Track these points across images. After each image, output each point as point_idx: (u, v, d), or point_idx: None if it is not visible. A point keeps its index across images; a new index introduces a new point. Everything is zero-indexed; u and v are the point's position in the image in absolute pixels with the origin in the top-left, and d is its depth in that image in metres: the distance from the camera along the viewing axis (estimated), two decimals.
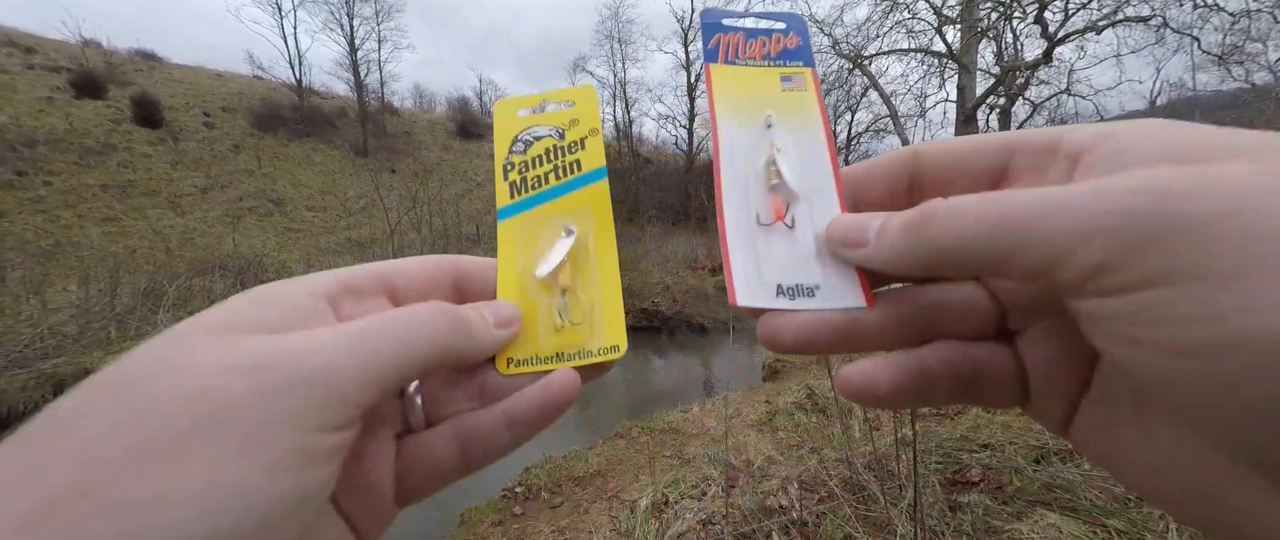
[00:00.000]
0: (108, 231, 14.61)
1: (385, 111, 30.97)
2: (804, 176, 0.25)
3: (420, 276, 0.24)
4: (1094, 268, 0.15)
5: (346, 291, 0.21)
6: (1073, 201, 0.15)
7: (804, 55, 0.29)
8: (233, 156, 20.77)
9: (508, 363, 0.24)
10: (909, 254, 0.19)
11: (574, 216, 0.27)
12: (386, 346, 0.18)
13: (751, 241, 0.24)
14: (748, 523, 1.86)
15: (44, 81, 19.63)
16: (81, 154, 17.07)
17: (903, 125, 18.10)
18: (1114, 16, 14.35)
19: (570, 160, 0.28)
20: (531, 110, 0.30)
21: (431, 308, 0.21)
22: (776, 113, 0.27)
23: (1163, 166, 0.15)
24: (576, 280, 0.26)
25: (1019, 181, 0.21)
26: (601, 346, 0.25)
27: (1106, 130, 0.18)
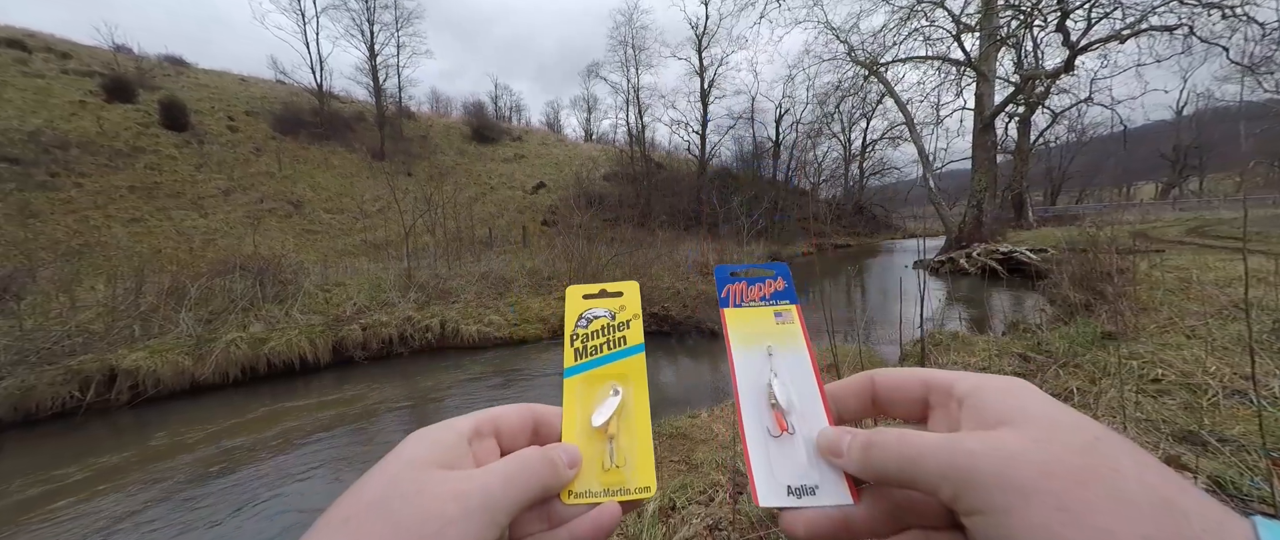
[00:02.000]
0: (134, 232, 15.06)
1: (402, 116, 31.53)
2: (798, 393, 0.33)
3: (515, 422, 0.32)
4: (950, 497, 0.23)
5: (475, 434, 0.30)
6: (935, 451, 0.24)
7: (789, 294, 0.38)
8: (255, 159, 21.31)
9: (569, 494, 0.30)
10: (864, 469, 0.27)
11: (620, 379, 0.35)
12: (520, 482, 0.27)
13: (766, 451, 0.31)
14: (754, 530, 1.85)
15: (77, 85, 20.39)
16: (111, 156, 17.66)
17: (919, 134, 17.89)
18: (1139, 25, 14.04)
19: (619, 336, 0.36)
20: (592, 295, 0.39)
21: (538, 454, 0.29)
22: (774, 343, 0.35)
23: (982, 431, 0.24)
24: (620, 429, 0.33)
25: (935, 410, 0.29)
26: (637, 487, 0.31)
27: (976, 385, 0.27)
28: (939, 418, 0.29)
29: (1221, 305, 4.23)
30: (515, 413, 0.33)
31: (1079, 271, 6.26)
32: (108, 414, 5.18)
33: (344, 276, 9.30)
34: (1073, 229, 9.98)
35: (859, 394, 0.33)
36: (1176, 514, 0.20)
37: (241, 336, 6.30)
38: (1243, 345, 3.02)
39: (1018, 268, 11.18)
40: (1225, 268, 6.20)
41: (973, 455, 0.23)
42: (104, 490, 3.64)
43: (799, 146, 34.19)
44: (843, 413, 0.33)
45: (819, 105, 24.42)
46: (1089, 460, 0.22)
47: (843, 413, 0.33)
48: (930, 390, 0.30)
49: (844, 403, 0.33)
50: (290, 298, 7.71)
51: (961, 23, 16.45)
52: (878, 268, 17.05)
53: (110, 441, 4.53)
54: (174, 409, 5.29)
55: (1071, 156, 40.05)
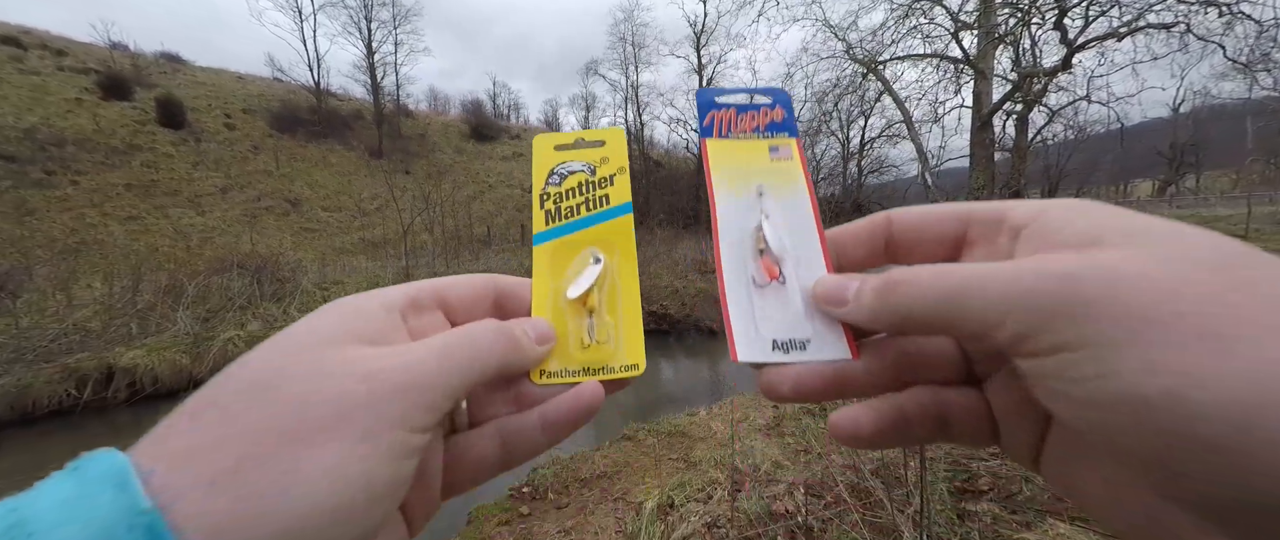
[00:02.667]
0: (131, 230, 15.01)
1: (400, 114, 31.44)
2: (792, 239, 0.28)
3: (469, 293, 0.27)
4: (1016, 335, 0.18)
5: (412, 306, 0.25)
6: (998, 280, 0.19)
7: (789, 126, 0.32)
8: (252, 157, 21.24)
9: (541, 374, 0.27)
10: (879, 315, 0.22)
11: (602, 245, 0.30)
12: (462, 361, 0.22)
13: (748, 301, 0.26)
14: (753, 527, 1.86)
15: (73, 83, 20.27)
16: (107, 154, 17.58)
17: (917, 131, 17.92)
18: (1136, 23, 14.07)
19: (600, 194, 0.31)
20: (567, 146, 0.33)
21: (492, 327, 0.25)
22: (766, 182, 0.30)
23: (1067, 250, 0.19)
24: (602, 303, 0.29)
25: (974, 248, 0.24)
26: (623, 364, 0.28)
27: (1039, 209, 0.22)
28: (979, 256, 0.24)
29: None
30: (469, 283, 0.28)
31: None
32: (105, 412, 5.17)
33: (342, 275, 9.29)
34: None
35: (870, 238, 0.27)
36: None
37: (239, 335, 6.29)
38: None
39: None
40: None
41: (1065, 277, 0.18)
42: None
43: (797, 145, 34.17)
44: (846, 263, 0.28)
45: (817, 103, 24.41)
46: (1238, 274, 0.16)
47: (846, 263, 0.28)
48: (970, 223, 0.24)
49: (849, 250, 0.28)
50: (288, 296, 7.70)
51: (960, 21, 16.46)
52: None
53: (108, 439, 4.49)
54: (171, 407, 5.27)
55: (1069, 154, 40.11)
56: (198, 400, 0.19)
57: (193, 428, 0.18)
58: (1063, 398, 0.18)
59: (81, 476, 0.16)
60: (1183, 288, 0.16)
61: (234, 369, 0.20)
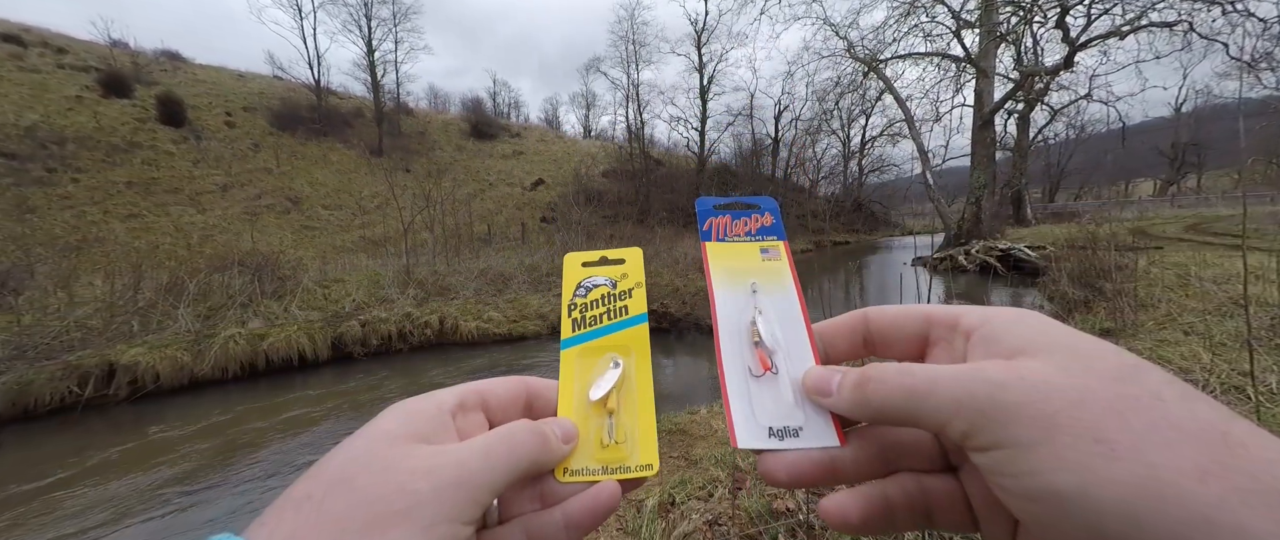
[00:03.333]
0: (132, 227, 15.02)
1: (400, 112, 31.41)
2: (783, 332, 0.31)
3: (506, 395, 0.30)
4: (962, 433, 0.21)
5: (460, 407, 0.28)
6: (945, 382, 0.22)
7: (777, 230, 0.36)
8: (252, 155, 21.23)
9: (564, 472, 0.28)
10: (858, 406, 0.25)
11: (620, 351, 0.33)
12: (503, 459, 0.25)
13: (746, 391, 0.29)
14: (754, 524, 1.86)
15: (74, 81, 20.26)
16: (108, 152, 17.58)
17: (918, 130, 17.88)
18: (1138, 22, 14.03)
19: (620, 306, 0.34)
20: (592, 263, 0.37)
21: (525, 428, 0.27)
22: (759, 280, 0.33)
23: (999, 360, 0.22)
24: (620, 405, 0.31)
25: (935, 347, 0.27)
26: (638, 464, 0.29)
27: (985, 317, 0.25)
28: (940, 354, 0.27)
29: (1219, 302, 4.24)
30: (506, 385, 0.31)
31: (1078, 268, 6.28)
32: (106, 409, 5.17)
33: (343, 273, 9.29)
34: (1072, 226, 9.99)
35: (850, 333, 0.30)
36: (1232, 445, 0.17)
37: (240, 332, 6.30)
38: (1240, 341, 3.03)
39: (1017, 265, 11.21)
40: (1223, 264, 6.21)
41: (994, 384, 0.20)
42: (102, 484, 3.64)
43: (798, 143, 34.18)
44: (831, 353, 0.31)
45: (818, 102, 24.41)
46: (1127, 389, 0.19)
47: (831, 353, 0.31)
48: (932, 325, 0.28)
49: (833, 343, 0.31)
50: (289, 294, 7.70)
51: (961, 19, 16.41)
52: (877, 265, 17.06)
53: (109, 436, 4.52)
54: (173, 404, 5.29)
55: (1070, 153, 40.09)
56: (296, 492, 0.22)
57: (295, 515, 0.21)
58: (1003, 491, 0.21)
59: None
60: (1085, 396, 0.19)
61: (323, 465, 0.23)
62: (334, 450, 0.24)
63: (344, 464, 0.23)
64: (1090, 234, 7.20)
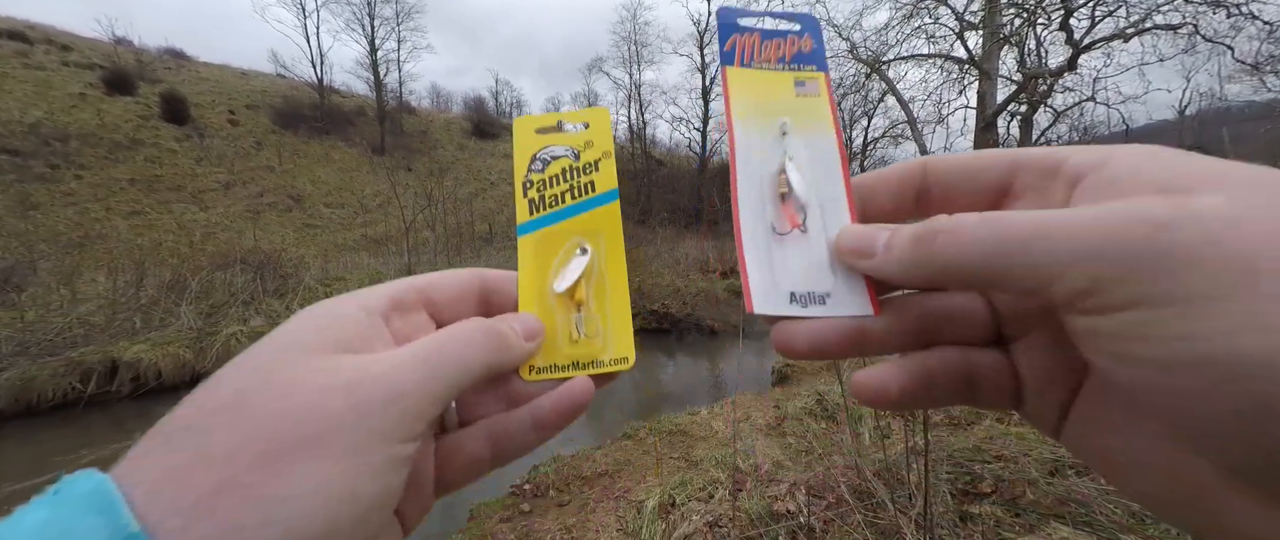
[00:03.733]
0: (135, 225, 15.07)
1: (403, 111, 31.46)
2: (817, 184, 0.26)
3: (454, 290, 0.26)
4: (1078, 290, 0.16)
5: (394, 307, 0.24)
6: (1070, 226, 0.17)
7: (818, 59, 0.29)
8: (255, 153, 21.28)
9: (530, 370, 0.26)
10: (915, 267, 0.21)
11: (588, 235, 0.29)
12: (447, 366, 0.21)
13: (767, 250, 0.25)
14: (754, 526, 1.86)
15: (78, 78, 20.33)
16: (111, 149, 17.64)
17: (920, 132, 17.85)
18: (1143, 24, 13.97)
19: (585, 181, 0.29)
20: (548, 129, 0.31)
21: (476, 327, 0.24)
22: (791, 119, 0.27)
23: (1150, 197, 0.17)
24: (590, 296, 0.28)
25: (1021, 200, 0.22)
26: (612, 358, 0.27)
27: (1104, 155, 0.19)
28: (1028, 206, 0.21)
29: None
30: (455, 279, 0.27)
31: None
32: (109, 405, 5.19)
33: (344, 271, 9.31)
34: None
35: (900, 187, 0.25)
36: None
37: (242, 330, 6.31)
38: None
39: None
40: None
41: (1154, 223, 0.15)
42: None
43: None
44: (871, 211, 0.26)
45: None
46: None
47: (871, 211, 0.26)
48: (1019, 170, 0.22)
49: (876, 199, 0.26)
50: (291, 292, 7.72)
51: (965, 21, 16.37)
52: None
53: (112, 433, 4.54)
54: (175, 401, 5.29)
55: None
56: (172, 421, 0.17)
57: (169, 450, 0.17)
58: (1130, 358, 0.16)
59: (61, 499, 0.15)
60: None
61: (208, 387, 0.19)
62: (223, 368, 0.19)
63: (235, 382, 0.18)
64: None
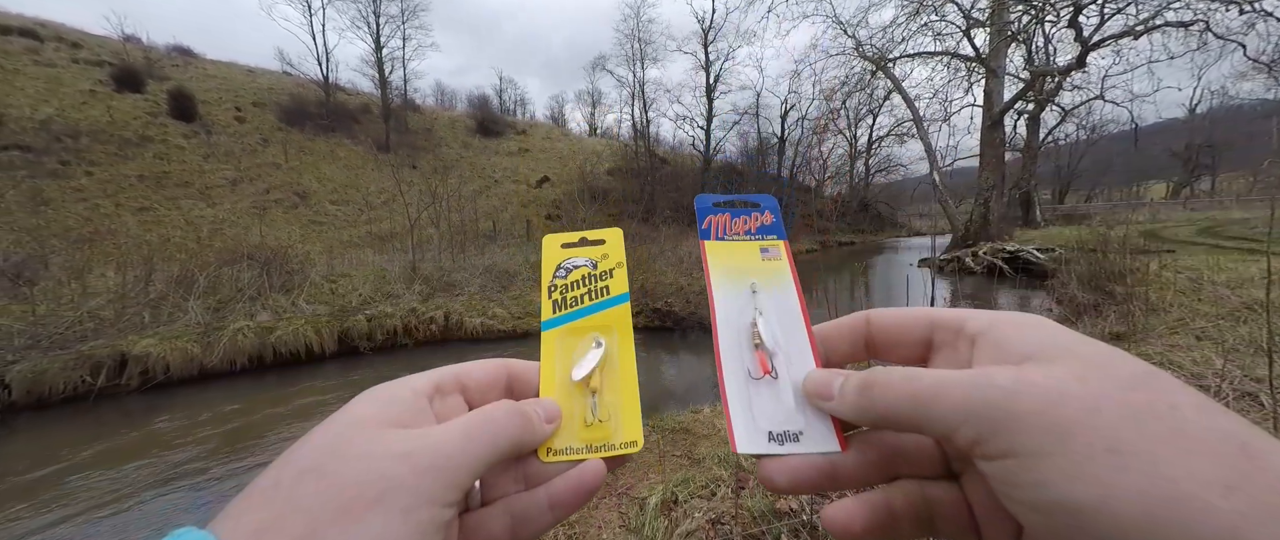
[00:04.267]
0: (143, 220, 15.21)
1: (407, 108, 31.55)
2: (782, 335, 0.30)
3: (485, 378, 0.30)
4: (971, 440, 0.20)
5: (436, 391, 0.27)
6: (955, 388, 0.21)
7: (777, 229, 0.35)
8: (261, 150, 21.42)
9: (548, 451, 0.28)
10: (860, 411, 0.25)
11: (603, 330, 0.32)
12: (483, 440, 0.24)
13: (746, 395, 0.28)
14: (757, 524, 1.86)
15: (87, 75, 20.51)
16: (120, 145, 17.80)
17: (926, 130, 17.71)
18: (1153, 21, 13.79)
19: (601, 286, 0.34)
20: (572, 244, 0.37)
21: (507, 409, 0.27)
22: (759, 280, 0.32)
23: (1009, 365, 0.21)
24: (603, 384, 0.31)
25: (939, 353, 0.27)
26: (622, 441, 0.29)
27: (990, 321, 0.24)
28: (945, 359, 0.26)
29: (1233, 307, 4.18)
30: (485, 368, 0.30)
31: (1087, 272, 6.20)
32: (118, 399, 5.25)
33: (349, 268, 9.36)
34: (1082, 228, 9.88)
35: (852, 335, 0.30)
36: (1253, 456, 0.16)
37: (248, 325, 6.36)
38: (1254, 347, 2.99)
39: (1025, 267, 11.09)
40: (1237, 269, 6.11)
41: (1004, 391, 0.20)
42: (112, 470, 3.70)
43: (804, 143, 33.98)
44: (832, 356, 0.30)
45: (825, 101, 24.23)
46: (1140, 396, 0.18)
47: (832, 356, 0.30)
48: (936, 328, 0.27)
49: (834, 345, 0.30)
50: (296, 288, 7.77)
51: (972, 18, 16.22)
52: (883, 266, 16.96)
53: (121, 424, 4.59)
54: (182, 395, 5.36)
55: (1081, 154, 39.59)
56: (263, 482, 0.21)
57: (262, 507, 0.20)
58: (1013, 501, 0.20)
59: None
60: (1099, 404, 0.18)
61: (291, 453, 0.22)
62: (303, 438, 0.23)
63: (314, 450, 0.22)
64: (1101, 236, 7.11)
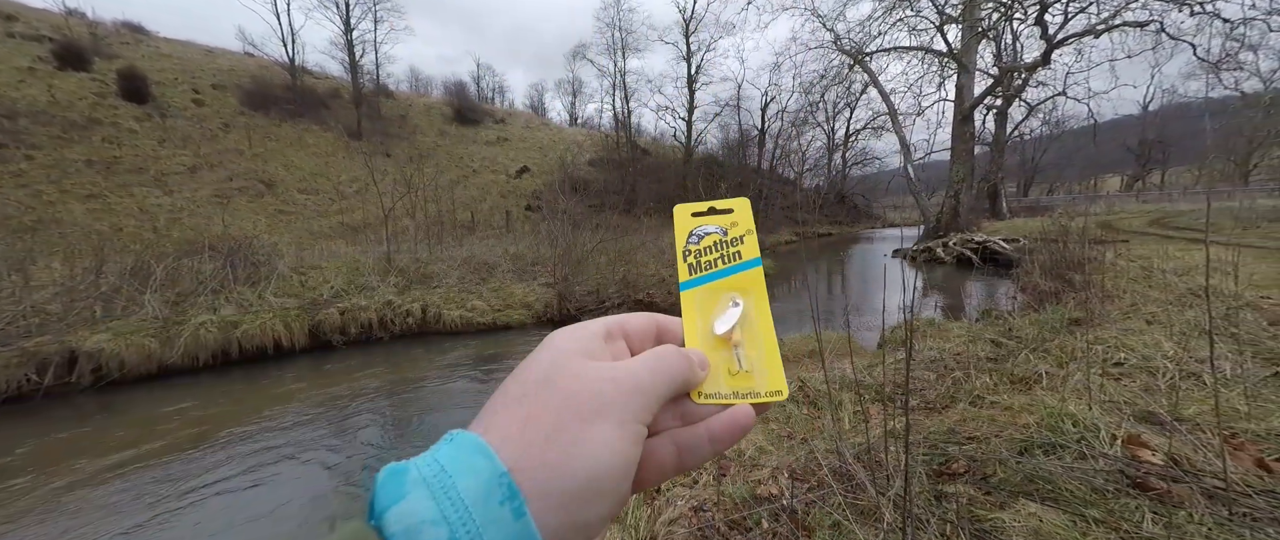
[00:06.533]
0: (92, 208, 14.31)
1: (380, 94, 30.44)
2: None
3: (641, 327, 0.34)
4: None
5: (608, 334, 0.31)
6: None
7: None
8: (222, 135, 20.36)
9: (700, 395, 0.31)
10: None
11: (739, 291, 0.35)
12: (666, 372, 0.29)
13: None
14: (738, 509, 1.89)
15: (25, 51, 19.04)
16: (65, 128, 16.65)
17: (900, 123, 18.12)
18: (1112, 21, 14.40)
19: (733, 251, 0.37)
20: (701, 213, 0.39)
21: (675, 351, 0.31)
22: None
23: None
24: (744, 339, 0.33)
25: None
26: (768, 390, 0.32)
27: None
28: None
29: (1180, 293, 4.44)
30: (640, 320, 0.34)
31: (1049, 261, 6.48)
32: (69, 397, 4.97)
33: (320, 259, 9.03)
34: (1045, 219, 10.31)
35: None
36: None
37: (211, 319, 6.09)
38: (1197, 330, 3.18)
39: (991, 257, 11.53)
40: (1184, 257, 6.49)
41: None
42: (60, 472, 3.51)
43: (784, 135, 34.32)
44: None
45: (804, 94, 24.49)
46: None
47: None
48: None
49: None
50: (263, 280, 7.46)
51: (945, 14, 16.59)
52: (858, 256, 17.37)
53: (70, 424, 4.35)
54: (140, 393, 5.11)
55: (1044, 149, 41.23)
56: (512, 389, 0.26)
57: (521, 407, 0.25)
58: None
59: (458, 445, 0.23)
60: None
61: (523, 372, 0.27)
62: (526, 362, 0.28)
63: (543, 369, 0.27)
64: (1062, 227, 7.44)
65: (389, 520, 0.20)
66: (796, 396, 3.28)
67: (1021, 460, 1.79)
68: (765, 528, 1.73)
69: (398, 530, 0.20)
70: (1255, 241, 7.85)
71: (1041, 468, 1.69)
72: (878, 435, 2.15)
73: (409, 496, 0.21)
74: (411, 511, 0.20)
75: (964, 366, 3.21)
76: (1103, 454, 1.73)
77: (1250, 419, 1.89)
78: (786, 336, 5.42)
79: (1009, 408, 2.39)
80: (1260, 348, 2.73)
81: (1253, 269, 5.18)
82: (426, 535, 0.19)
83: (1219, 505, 1.39)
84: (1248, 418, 1.90)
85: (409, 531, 0.20)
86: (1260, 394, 2.11)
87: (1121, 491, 1.53)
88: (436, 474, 0.21)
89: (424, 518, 0.20)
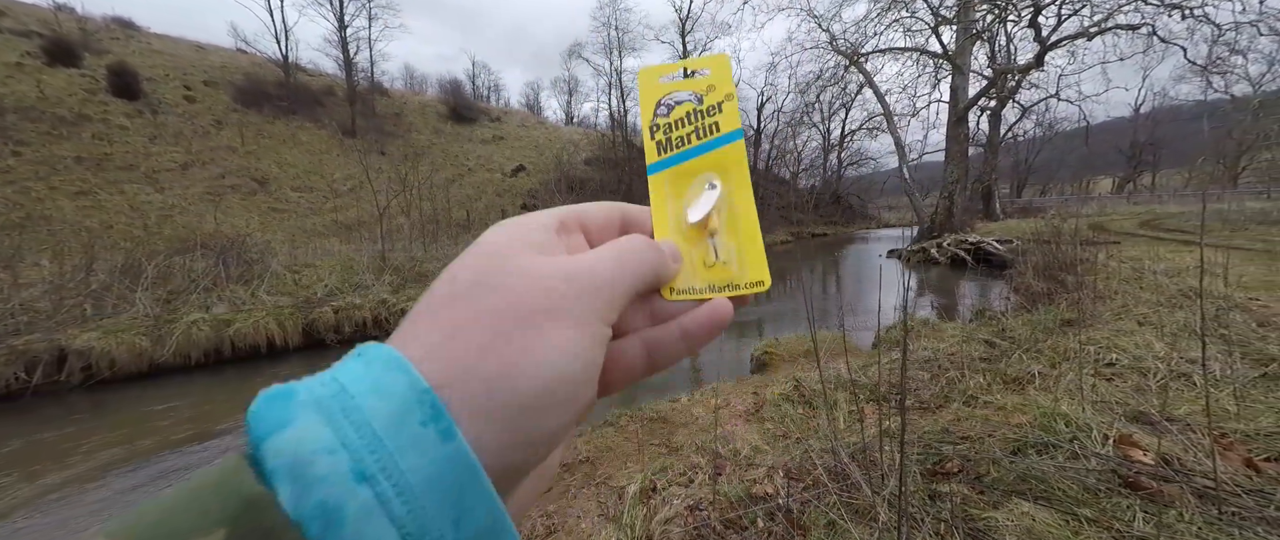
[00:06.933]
0: (82, 205, 14.13)
1: (375, 92, 30.23)
2: None
3: (602, 218, 0.29)
4: None
5: (561, 227, 0.27)
6: None
7: None
8: (214, 132, 20.16)
9: (671, 291, 0.28)
10: None
11: (716, 171, 0.30)
12: (633, 266, 0.25)
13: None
14: (734, 508, 1.89)
15: (13, 46, 18.75)
16: (54, 124, 16.42)
17: (895, 124, 18.21)
18: (1105, 24, 14.54)
19: (709, 123, 0.31)
20: (671, 77, 0.33)
21: (645, 241, 0.27)
22: None
23: None
24: (721, 226, 0.30)
25: None
26: (748, 281, 0.29)
27: None
28: None
29: (1170, 294, 4.49)
30: (602, 209, 0.30)
31: (1042, 262, 6.53)
32: (58, 395, 4.91)
33: (314, 258, 8.97)
34: (1037, 221, 10.40)
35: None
36: None
37: (204, 317, 6.04)
38: (1188, 331, 3.22)
39: (985, 258, 11.61)
40: (1174, 258, 6.56)
41: None
42: (49, 470, 3.47)
43: (780, 135, 34.40)
44: None
45: (800, 94, 24.56)
46: None
47: None
48: None
49: None
50: (256, 278, 7.40)
51: (940, 15, 16.68)
52: (853, 256, 17.45)
53: (60, 423, 4.30)
54: (131, 392, 5.06)
55: (1037, 150, 41.58)
56: (438, 290, 0.22)
57: (450, 312, 0.21)
58: None
59: (368, 361, 0.19)
60: None
61: (452, 271, 0.23)
62: (453, 264, 0.23)
63: (475, 269, 0.22)
64: (1054, 228, 7.50)
65: (267, 452, 0.16)
66: (792, 396, 3.29)
67: (1015, 460, 1.80)
68: (761, 527, 1.73)
69: (279, 465, 0.16)
70: (1243, 243, 7.96)
71: (1034, 467, 1.71)
72: (873, 435, 2.16)
73: (296, 423, 0.17)
74: (299, 439, 0.16)
75: (958, 366, 3.23)
76: (1095, 453, 1.75)
77: (1240, 419, 1.91)
78: (782, 336, 5.43)
79: (1002, 407, 2.41)
80: (1249, 349, 2.77)
81: (1241, 270, 5.25)
82: (320, 466, 0.16)
83: (1209, 504, 1.40)
84: (1237, 418, 1.93)
85: (297, 465, 0.16)
86: (1249, 394, 2.13)
87: (1113, 491, 1.54)
88: (335, 394, 0.18)
89: (316, 446, 0.16)
